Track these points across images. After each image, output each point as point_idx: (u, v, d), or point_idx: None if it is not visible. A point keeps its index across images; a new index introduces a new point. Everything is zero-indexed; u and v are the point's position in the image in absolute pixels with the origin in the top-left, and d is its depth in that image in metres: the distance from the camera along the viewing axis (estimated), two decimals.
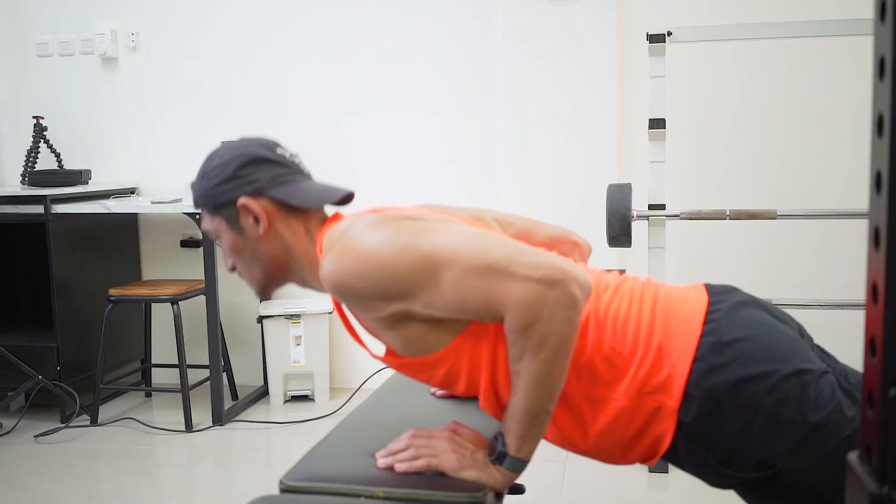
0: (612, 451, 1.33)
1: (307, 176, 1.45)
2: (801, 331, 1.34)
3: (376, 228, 1.27)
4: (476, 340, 1.30)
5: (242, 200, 1.37)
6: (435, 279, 1.22)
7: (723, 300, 1.31)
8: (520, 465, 1.26)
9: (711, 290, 1.36)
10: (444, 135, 3.70)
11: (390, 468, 1.28)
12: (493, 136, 3.64)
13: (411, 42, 3.69)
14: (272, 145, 1.43)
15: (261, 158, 1.39)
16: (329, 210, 1.47)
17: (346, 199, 1.42)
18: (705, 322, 1.28)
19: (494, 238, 1.27)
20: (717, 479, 1.29)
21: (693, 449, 1.27)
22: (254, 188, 1.38)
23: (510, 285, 1.18)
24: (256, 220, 1.38)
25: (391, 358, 1.38)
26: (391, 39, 3.70)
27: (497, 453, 1.26)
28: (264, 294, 1.48)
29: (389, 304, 1.25)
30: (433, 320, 1.28)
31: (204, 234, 1.43)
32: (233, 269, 1.46)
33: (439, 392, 1.67)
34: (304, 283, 1.46)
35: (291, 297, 3.87)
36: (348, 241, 1.27)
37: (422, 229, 1.26)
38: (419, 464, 1.27)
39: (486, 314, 1.23)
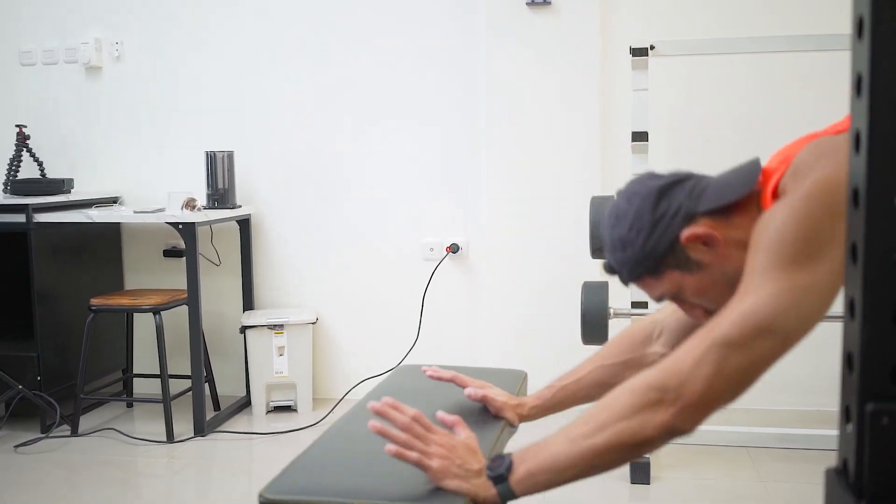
0: None
1: (706, 175, 1.33)
2: None
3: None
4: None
5: (686, 233, 1.24)
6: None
7: None
8: (510, 496, 1.22)
9: None
10: (426, 145, 3.71)
11: (381, 435, 1.26)
12: (476, 148, 3.65)
13: (393, 52, 3.70)
14: (654, 175, 1.32)
15: (664, 188, 1.28)
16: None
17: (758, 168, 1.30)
18: None
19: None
20: None
21: None
22: (683, 216, 1.26)
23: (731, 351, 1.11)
24: (707, 243, 1.25)
25: None
26: (373, 52, 3.71)
27: (497, 474, 1.21)
28: None
29: None
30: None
31: (659, 298, 1.33)
32: (705, 316, 1.29)
33: (430, 372, 1.64)
34: None
35: (274, 306, 3.86)
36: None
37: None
38: (409, 456, 1.24)
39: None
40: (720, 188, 1.27)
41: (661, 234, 1.26)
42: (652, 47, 2.88)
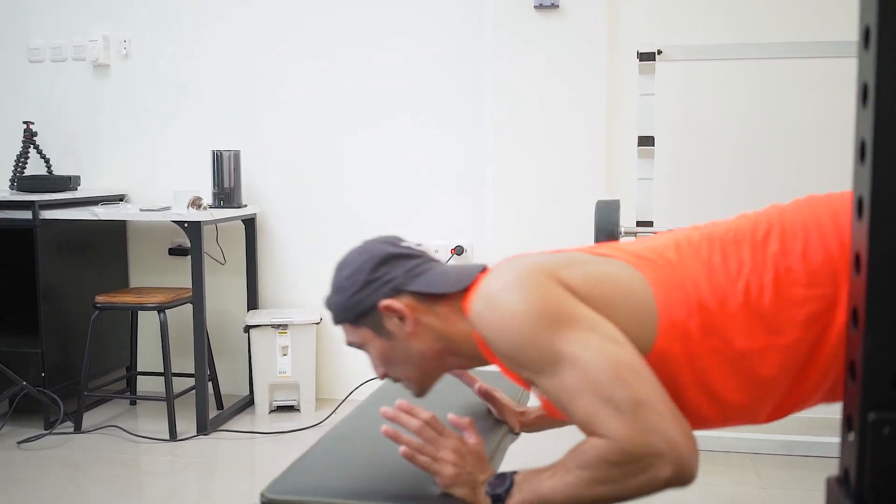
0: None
1: (437, 261, 1.42)
2: None
3: (519, 288, 1.22)
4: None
5: (384, 303, 1.33)
6: (556, 372, 1.18)
7: None
8: None
9: None
10: (432, 147, 3.71)
11: (392, 439, 1.28)
12: (482, 150, 3.65)
13: (400, 53, 3.70)
14: (396, 240, 1.41)
15: (391, 256, 1.37)
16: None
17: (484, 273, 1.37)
18: None
19: (634, 369, 1.17)
20: None
21: None
22: (391, 287, 1.34)
23: (618, 425, 1.13)
24: (401, 318, 1.34)
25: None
26: (379, 54, 3.72)
27: (497, 494, 1.22)
28: (423, 392, 1.43)
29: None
30: None
31: (350, 344, 1.42)
32: (384, 376, 1.42)
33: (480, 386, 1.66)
34: (472, 362, 1.40)
35: (278, 306, 3.86)
36: (493, 293, 1.24)
37: (567, 316, 1.20)
38: (420, 460, 1.26)
39: (581, 426, 1.19)
40: (435, 277, 1.36)
41: (368, 294, 1.35)
42: (659, 52, 2.88)
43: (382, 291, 1.34)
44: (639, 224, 2.86)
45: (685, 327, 1.21)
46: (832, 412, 3.42)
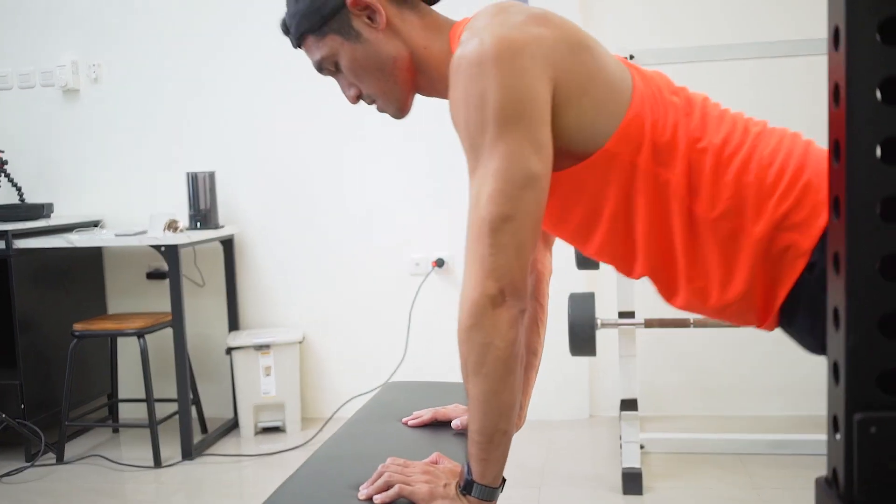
0: (740, 301, 1.27)
1: None
2: None
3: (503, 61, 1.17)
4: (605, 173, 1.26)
5: None
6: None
7: None
8: (489, 492, 1.24)
9: None
10: (409, 161, 3.71)
11: (369, 499, 1.27)
12: (459, 162, 3.63)
13: None
14: None
15: None
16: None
17: None
18: None
19: (530, 179, 1.17)
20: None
21: (817, 295, 1.18)
22: None
23: (474, 266, 1.17)
24: (370, 17, 1.29)
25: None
26: None
27: (465, 481, 1.24)
28: (404, 111, 1.39)
29: None
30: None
31: (319, 65, 1.36)
32: (357, 97, 1.37)
33: (412, 421, 1.65)
34: (430, 88, 1.37)
35: (260, 326, 3.83)
36: (479, 54, 1.17)
37: (520, 117, 1.17)
38: (392, 492, 1.25)
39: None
40: None
41: None
42: (632, 56, 2.89)
43: None
44: None
45: (639, 140, 1.23)
46: (821, 410, 3.43)
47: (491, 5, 1.26)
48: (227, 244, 3.78)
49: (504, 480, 1.28)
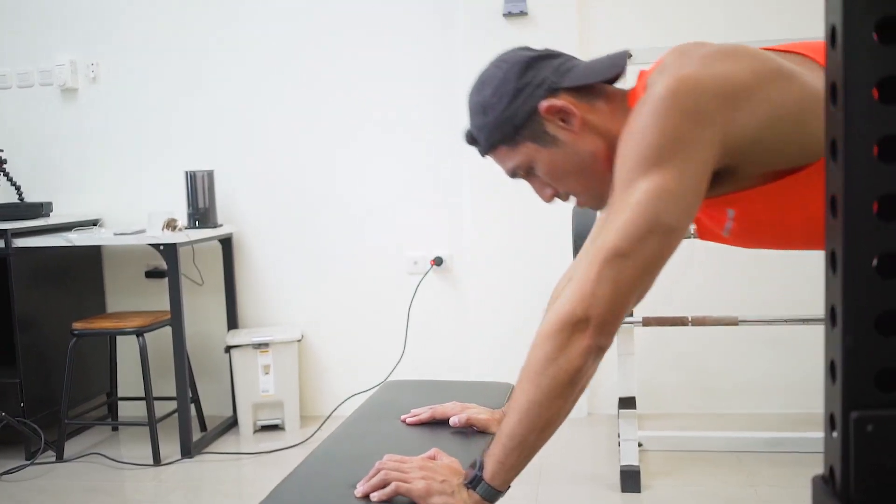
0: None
1: (576, 58, 1.33)
2: None
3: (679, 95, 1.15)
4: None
5: (545, 104, 1.25)
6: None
7: None
8: (493, 493, 1.23)
9: None
10: (408, 159, 3.71)
11: (366, 497, 1.26)
12: (458, 160, 3.65)
13: (372, 66, 3.70)
14: (526, 47, 1.32)
15: (533, 59, 1.28)
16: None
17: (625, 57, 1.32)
18: None
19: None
20: None
21: None
22: (545, 88, 1.25)
23: (578, 284, 1.17)
24: (565, 119, 1.26)
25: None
26: (352, 67, 3.71)
27: (473, 476, 1.24)
28: (603, 201, 1.31)
29: None
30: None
31: (512, 172, 1.33)
32: (553, 197, 1.34)
33: (410, 419, 1.65)
34: None
35: (258, 325, 3.84)
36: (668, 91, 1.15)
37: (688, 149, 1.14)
38: (389, 489, 1.25)
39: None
40: (587, 69, 1.29)
41: (523, 101, 1.26)
42: (630, 55, 2.90)
43: (538, 94, 1.26)
44: None
45: None
46: (818, 407, 3.44)
47: (675, 47, 1.25)
48: (226, 243, 3.78)
49: (509, 488, 1.27)
